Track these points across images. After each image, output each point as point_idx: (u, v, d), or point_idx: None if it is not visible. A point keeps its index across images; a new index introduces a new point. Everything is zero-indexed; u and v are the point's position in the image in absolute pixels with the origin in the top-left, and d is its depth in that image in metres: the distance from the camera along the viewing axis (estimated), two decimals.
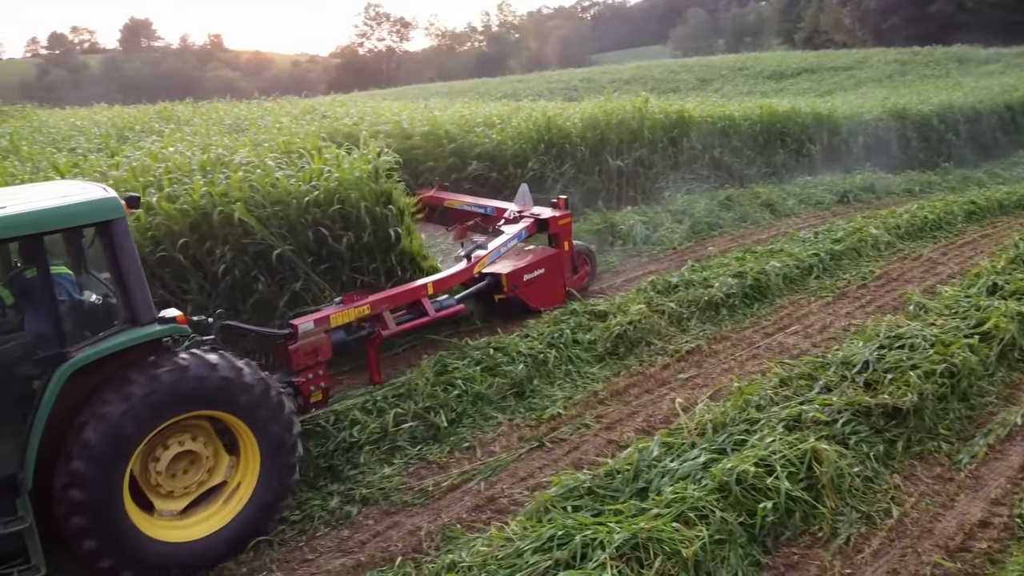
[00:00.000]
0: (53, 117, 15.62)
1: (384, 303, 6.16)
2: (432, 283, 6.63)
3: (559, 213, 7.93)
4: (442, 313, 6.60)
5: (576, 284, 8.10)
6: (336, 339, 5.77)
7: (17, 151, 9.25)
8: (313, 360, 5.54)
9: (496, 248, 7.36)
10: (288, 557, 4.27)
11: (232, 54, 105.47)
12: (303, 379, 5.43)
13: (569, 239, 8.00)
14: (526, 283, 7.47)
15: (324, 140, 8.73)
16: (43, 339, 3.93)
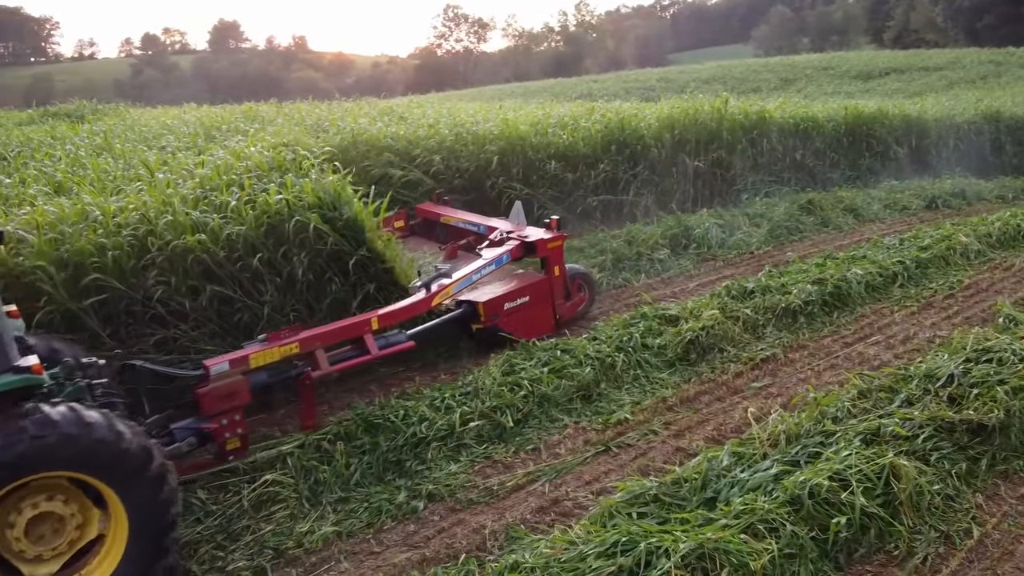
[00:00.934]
0: (145, 116, 16.37)
1: (317, 340, 5.52)
2: (378, 317, 5.92)
3: (549, 235, 7.21)
4: (386, 351, 5.87)
5: (569, 312, 7.39)
6: (256, 381, 5.21)
7: (111, 148, 9.75)
8: (228, 405, 5.00)
9: (465, 276, 6.64)
10: (356, 549, 4.36)
11: (315, 55, 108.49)
12: (216, 425, 4.91)
13: (560, 263, 7.24)
14: (507, 312, 6.81)
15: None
16: None
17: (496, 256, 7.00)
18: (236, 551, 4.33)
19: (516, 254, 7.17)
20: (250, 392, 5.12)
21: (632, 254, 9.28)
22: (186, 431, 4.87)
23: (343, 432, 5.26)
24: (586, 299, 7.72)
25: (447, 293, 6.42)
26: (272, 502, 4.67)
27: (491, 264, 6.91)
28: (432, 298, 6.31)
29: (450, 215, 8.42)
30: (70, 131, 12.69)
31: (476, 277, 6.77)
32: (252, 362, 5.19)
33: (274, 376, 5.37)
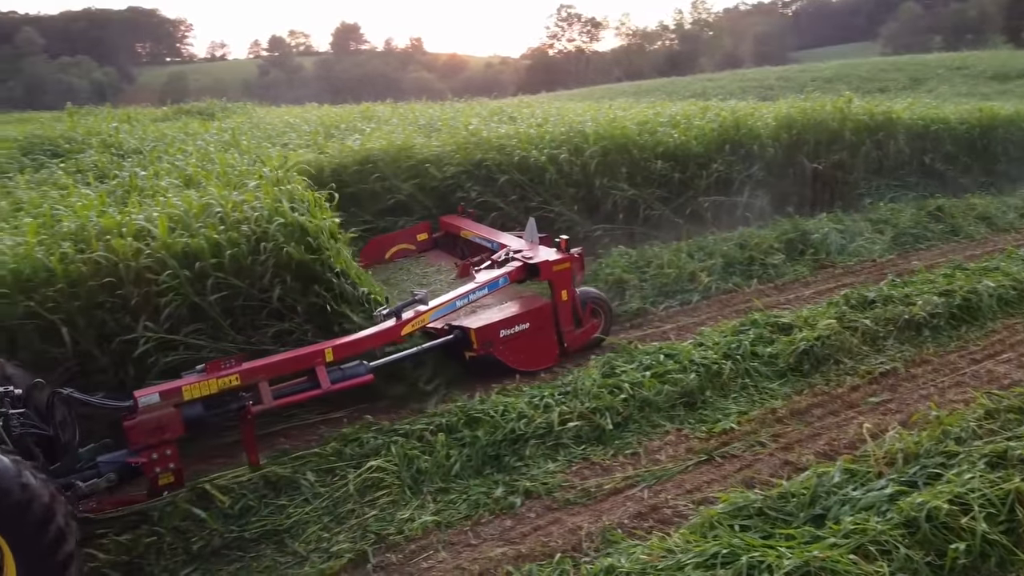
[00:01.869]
0: (270, 115, 17.20)
1: (260, 372, 5.11)
2: (333, 348, 5.43)
3: (556, 256, 6.65)
4: (340, 385, 5.38)
5: (579, 340, 6.75)
6: (189, 414, 4.87)
7: (237, 144, 10.30)
8: (157, 438, 4.69)
9: (448, 302, 6.15)
10: (454, 539, 4.43)
11: (431, 56, 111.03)
12: (145, 459, 4.64)
13: (569, 287, 6.61)
14: (503, 340, 6.27)
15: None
16: None
17: (489, 279, 6.45)
18: (341, 533, 4.47)
19: (516, 276, 6.61)
20: (183, 425, 4.81)
21: (744, 258, 9.00)
22: (111, 465, 4.63)
23: (445, 424, 5.35)
24: (600, 326, 6.98)
25: (422, 321, 5.93)
26: (376, 488, 4.80)
27: (482, 288, 6.36)
28: (402, 327, 5.79)
29: (469, 229, 8.03)
30: (201, 128, 13.49)
31: (461, 303, 6.25)
32: (185, 394, 4.85)
33: (211, 409, 4.99)
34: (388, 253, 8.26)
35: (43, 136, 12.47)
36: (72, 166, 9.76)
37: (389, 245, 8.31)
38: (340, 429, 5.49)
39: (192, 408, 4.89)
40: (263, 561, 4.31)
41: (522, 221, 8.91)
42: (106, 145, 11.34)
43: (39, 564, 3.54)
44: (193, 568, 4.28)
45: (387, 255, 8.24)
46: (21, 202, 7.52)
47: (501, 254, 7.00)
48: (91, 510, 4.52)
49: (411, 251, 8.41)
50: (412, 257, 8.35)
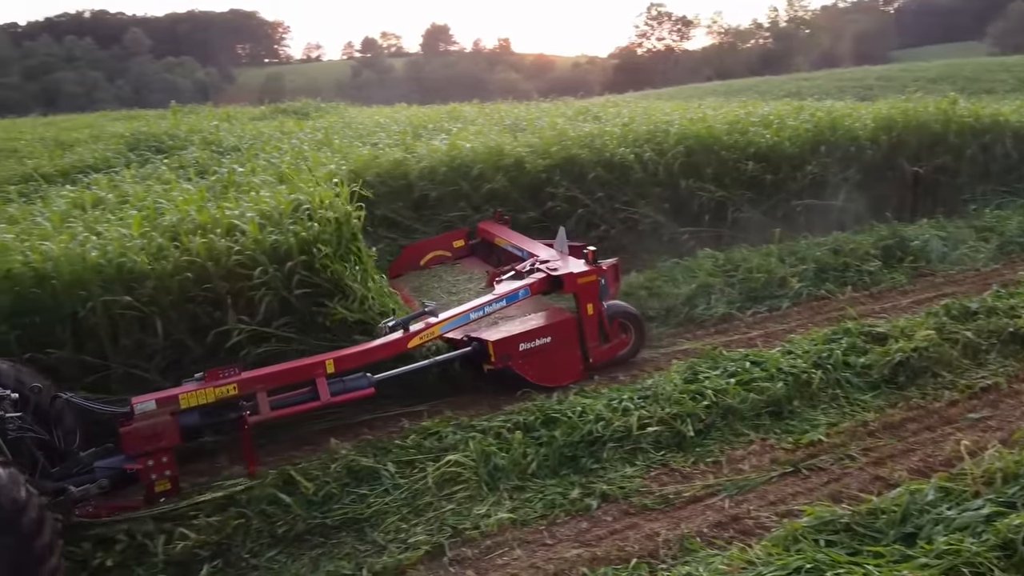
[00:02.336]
0: (361, 115, 17.63)
1: (259, 382, 5.08)
2: (334, 360, 5.36)
3: (580, 268, 6.36)
4: (339, 398, 5.32)
5: (605, 357, 6.44)
6: (186, 422, 4.86)
7: (330, 143, 10.60)
8: (153, 445, 4.69)
9: (461, 314, 5.99)
10: (529, 538, 4.43)
11: (518, 57, 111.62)
12: (141, 466, 4.65)
13: (595, 300, 6.32)
14: (523, 353, 6.02)
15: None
16: None
17: (508, 291, 6.26)
18: (418, 525, 4.54)
19: (538, 288, 6.37)
20: (179, 434, 4.80)
21: (838, 264, 8.66)
22: (106, 470, 4.66)
23: (522, 422, 5.36)
24: (629, 342, 6.68)
25: (432, 333, 5.78)
26: (454, 482, 4.85)
27: (500, 300, 6.17)
28: (409, 339, 5.65)
29: (503, 237, 7.80)
30: (296, 127, 13.96)
31: (476, 315, 6.08)
32: (182, 402, 4.86)
33: (209, 418, 4.98)
34: (424, 260, 8.14)
35: (148, 133, 13.16)
36: (175, 162, 10.27)
37: (425, 252, 8.17)
38: (420, 422, 5.58)
39: (189, 416, 4.88)
40: (343, 548, 4.42)
41: (609, 220, 8.86)
42: (207, 142, 11.88)
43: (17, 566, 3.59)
44: (277, 551, 4.42)
45: (422, 262, 8.13)
46: (127, 195, 7.95)
47: (526, 265, 6.77)
48: (87, 515, 4.59)
49: (447, 258, 8.24)
50: (448, 264, 8.17)
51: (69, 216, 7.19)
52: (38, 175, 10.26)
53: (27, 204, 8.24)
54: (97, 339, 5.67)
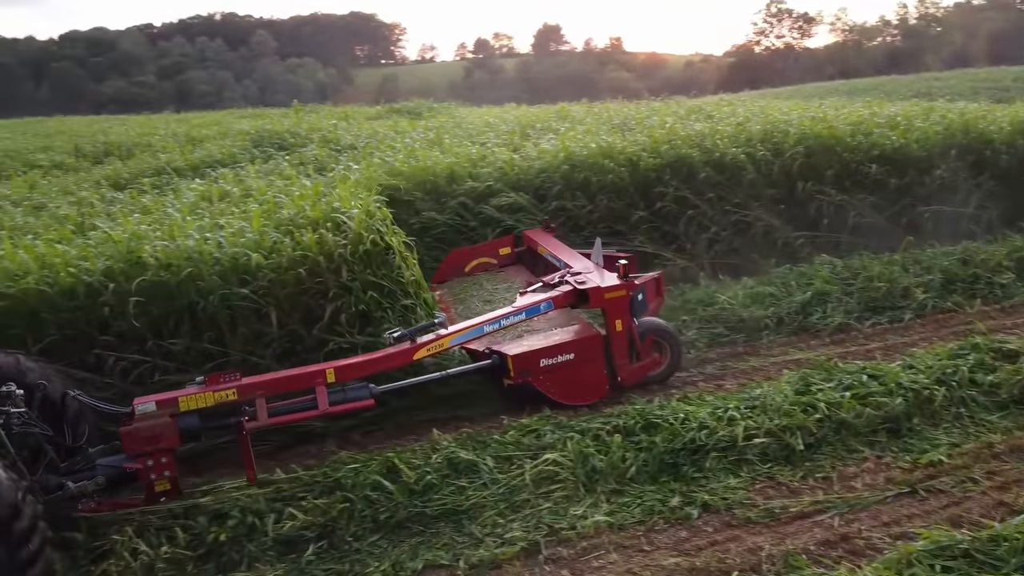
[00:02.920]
0: (471, 114, 17.91)
1: (258, 388, 5.08)
2: (335, 368, 5.30)
3: (609, 283, 6.04)
4: (338, 408, 5.26)
5: (635, 376, 6.09)
6: (186, 425, 4.90)
7: (440, 143, 10.81)
8: (152, 446, 4.78)
9: (473, 326, 5.81)
10: (626, 543, 4.37)
11: (629, 56, 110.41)
12: (141, 466, 4.77)
13: (624, 317, 5.97)
14: (544, 369, 5.76)
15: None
16: None
17: (528, 304, 6.03)
18: (515, 522, 4.56)
19: (563, 302, 6.12)
20: (179, 436, 4.87)
21: (967, 275, 8.11)
22: (107, 468, 4.79)
23: (622, 425, 5.30)
24: (662, 362, 6.29)
25: (440, 345, 5.64)
26: (551, 481, 4.84)
27: (518, 313, 5.96)
28: (415, 351, 5.53)
29: (544, 246, 7.52)
30: (408, 126, 14.33)
31: (491, 328, 5.88)
32: (182, 405, 4.91)
33: (208, 422, 5.04)
34: (468, 266, 7.96)
35: (272, 131, 13.80)
36: (296, 159, 10.74)
37: (469, 258, 8.00)
38: (520, 419, 5.60)
39: (188, 419, 4.94)
40: (441, 538, 4.50)
41: (719, 222, 8.62)
42: (325, 140, 12.36)
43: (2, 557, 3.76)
44: (379, 536, 4.55)
45: (467, 268, 7.94)
46: (251, 189, 8.37)
47: (555, 276, 6.51)
48: (89, 510, 4.75)
49: (492, 265, 8.02)
50: (492, 271, 7.94)
51: (197, 208, 7.64)
52: (170, 168, 10.97)
53: (160, 196, 8.82)
54: (216, 328, 5.99)
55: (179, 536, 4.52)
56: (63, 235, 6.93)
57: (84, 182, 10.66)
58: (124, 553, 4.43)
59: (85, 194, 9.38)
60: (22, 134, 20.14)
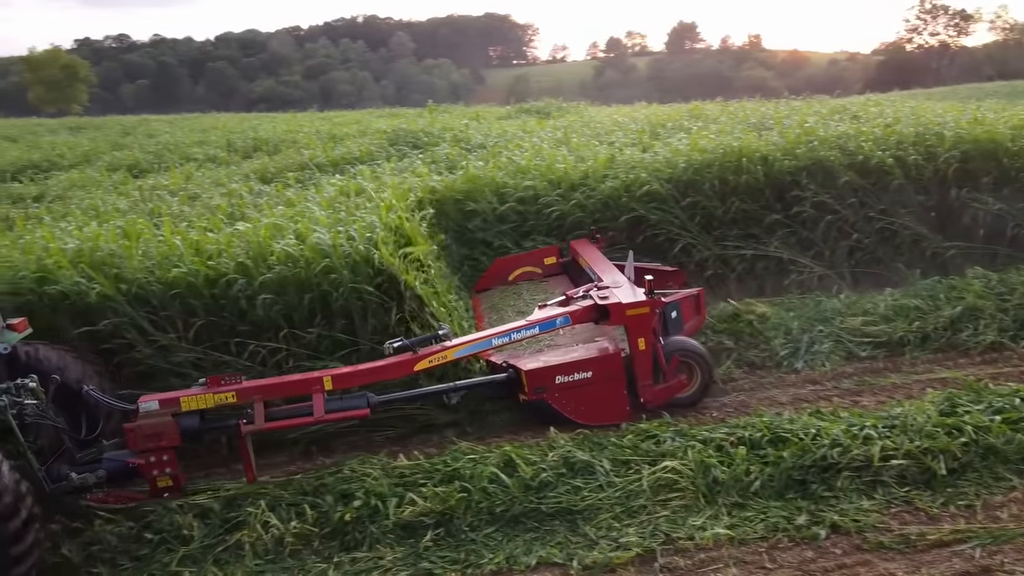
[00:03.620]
0: (600, 114, 17.78)
1: (257, 392, 5.15)
2: (332, 377, 5.29)
3: (633, 298, 5.77)
4: (334, 416, 5.28)
5: (659, 398, 5.78)
6: (186, 425, 5.03)
7: (568, 142, 10.80)
8: (154, 444, 4.93)
9: (481, 339, 5.70)
10: (747, 558, 4.23)
11: (768, 54, 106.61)
12: (144, 462, 4.94)
13: (647, 335, 5.69)
14: (559, 387, 5.60)
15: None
16: None
17: (544, 318, 5.87)
18: (631, 527, 4.52)
19: (581, 317, 5.93)
20: (179, 435, 5.00)
21: None
22: (112, 462, 4.99)
23: (747, 437, 5.12)
24: (689, 385, 5.94)
25: (444, 357, 5.53)
26: (669, 489, 4.76)
27: (531, 327, 5.79)
28: (415, 361, 5.45)
29: (585, 257, 7.26)
30: (537, 125, 14.41)
31: (500, 341, 5.72)
32: (183, 405, 5.03)
33: (209, 423, 5.18)
34: (512, 275, 7.80)
35: (407, 129, 14.24)
36: (428, 157, 11.03)
37: (514, 267, 7.84)
38: (638, 423, 5.53)
39: (190, 419, 5.06)
40: (555, 536, 4.51)
41: (861, 229, 8.17)
42: (457, 139, 12.63)
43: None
44: (494, 528, 4.62)
45: (510, 277, 7.80)
46: (386, 186, 8.67)
47: (579, 290, 6.29)
48: (96, 500, 5.03)
49: (536, 275, 7.82)
50: (536, 281, 7.76)
51: (335, 201, 8.00)
52: (313, 164, 11.52)
53: (303, 190, 9.30)
54: (348, 318, 6.23)
55: (308, 513, 4.77)
56: (215, 224, 7.44)
57: (235, 175, 11.37)
58: (257, 525, 4.73)
59: (235, 186, 10.02)
60: (180, 129, 21.71)
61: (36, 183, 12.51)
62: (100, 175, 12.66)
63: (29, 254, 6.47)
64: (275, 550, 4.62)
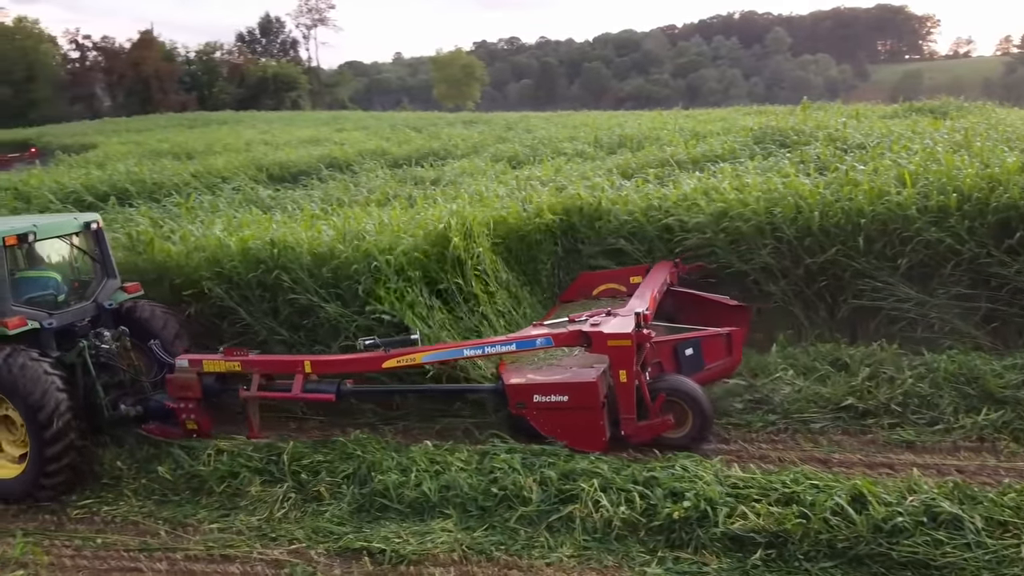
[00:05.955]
0: (1011, 115, 15.26)
1: (256, 365, 6.33)
2: (311, 361, 6.30)
3: (620, 330, 5.65)
4: (307, 396, 6.31)
5: (640, 434, 5.69)
6: (207, 383, 6.32)
7: (969, 146, 9.41)
8: (183, 394, 6.29)
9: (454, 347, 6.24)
10: None
11: None
12: (177, 406, 6.32)
13: (628, 368, 5.55)
14: (537, 405, 5.79)
15: None
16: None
17: (520, 336, 6.25)
18: None
19: (564, 341, 5.99)
20: (201, 390, 6.29)
21: None
22: (155, 403, 6.47)
23: None
24: (671, 425, 5.71)
25: (412, 359, 6.09)
26: None
27: (508, 343, 6.08)
28: (384, 359, 6.08)
29: (645, 281, 7.25)
30: (930, 126, 12.80)
31: (470, 352, 6.16)
32: (204, 366, 6.30)
33: (222, 384, 6.40)
34: (596, 290, 7.90)
35: (775, 127, 13.62)
36: (797, 156, 10.43)
37: (599, 282, 7.96)
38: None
39: (209, 379, 6.32)
40: None
41: None
42: (831, 139, 11.76)
43: (39, 443, 5.80)
44: (833, 564, 4.29)
45: (595, 292, 7.88)
46: (745, 185, 8.39)
47: (584, 315, 6.36)
48: (147, 430, 6.44)
49: (620, 292, 7.68)
50: (619, 298, 7.47)
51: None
52: (673, 161, 11.60)
53: (660, 187, 9.39)
54: None
55: (637, 502, 4.85)
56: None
57: (599, 169, 11.92)
58: (588, 503, 4.93)
59: (599, 180, 10.47)
60: (554, 125, 23.33)
61: (434, 168, 14.39)
62: (485, 164, 14.17)
63: (421, 227, 7.64)
64: (603, 530, 4.79)
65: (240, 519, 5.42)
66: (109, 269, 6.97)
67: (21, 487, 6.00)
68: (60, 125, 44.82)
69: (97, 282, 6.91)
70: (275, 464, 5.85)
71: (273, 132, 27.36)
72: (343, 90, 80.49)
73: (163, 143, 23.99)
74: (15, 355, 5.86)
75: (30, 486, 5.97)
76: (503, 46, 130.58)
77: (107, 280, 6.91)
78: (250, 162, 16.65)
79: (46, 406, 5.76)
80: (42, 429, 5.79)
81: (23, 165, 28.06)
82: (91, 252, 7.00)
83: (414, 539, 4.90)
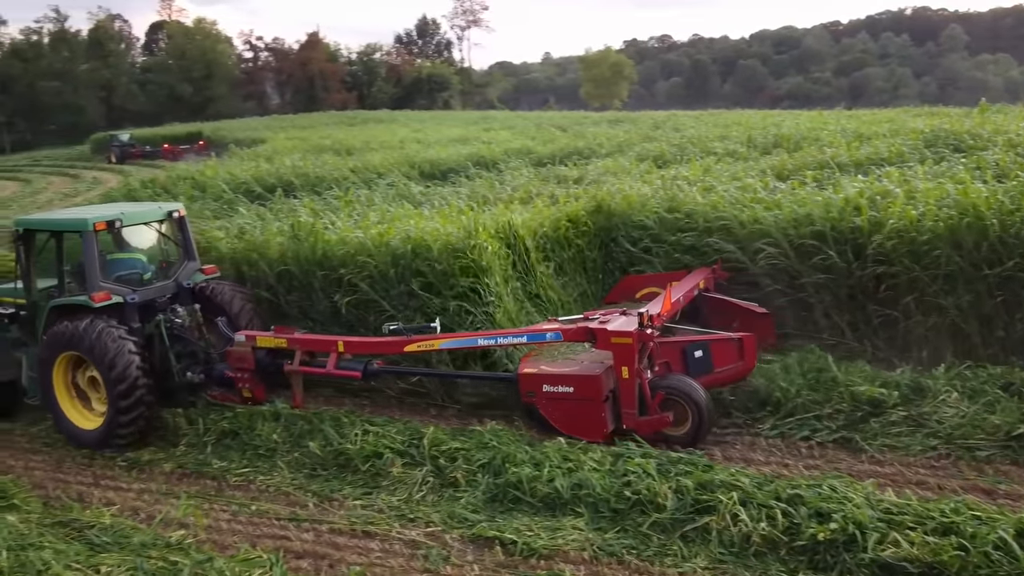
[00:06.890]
0: None
1: (298, 343, 7.04)
2: (344, 342, 6.97)
3: (621, 327, 5.95)
4: (337, 372, 6.98)
5: (642, 428, 5.90)
6: (259, 356, 7.09)
7: None
8: (240, 365, 7.08)
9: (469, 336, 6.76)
10: None
11: None
12: (234, 375, 7.14)
13: (630, 364, 5.81)
14: (546, 395, 6.18)
15: None
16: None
17: (532, 329, 6.62)
18: None
19: (573, 336, 6.30)
20: (255, 363, 7.06)
21: None
22: (217, 372, 7.23)
23: None
24: (669, 422, 5.96)
25: (431, 345, 6.64)
26: None
27: (520, 336, 6.50)
28: (405, 344, 6.65)
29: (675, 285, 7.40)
30: None
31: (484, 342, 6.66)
32: (258, 342, 7.07)
33: (272, 359, 7.12)
34: (639, 293, 8.08)
35: (948, 130, 12.61)
36: (972, 162, 9.61)
37: (642, 285, 8.17)
38: None
39: (260, 353, 7.10)
40: None
41: None
42: (1011, 144, 10.75)
43: (114, 399, 6.65)
44: None
45: (637, 295, 8.05)
46: (915, 191, 7.83)
47: (598, 312, 6.72)
48: (212, 396, 7.31)
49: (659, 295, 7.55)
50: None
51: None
52: (833, 163, 10.97)
53: (818, 189, 8.93)
54: None
55: (779, 519, 4.65)
56: None
57: (751, 170, 11.45)
58: (726, 515, 4.78)
59: (750, 181, 10.09)
60: (705, 124, 22.64)
61: (578, 167, 14.37)
62: (630, 164, 13.99)
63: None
64: (740, 545, 4.64)
65: (382, 498, 5.68)
66: (190, 252, 7.77)
67: (100, 437, 6.94)
68: (233, 121, 48.57)
69: (179, 264, 7.73)
70: (416, 448, 6.09)
71: (425, 131, 28.38)
72: (492, 90, 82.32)
73: (325, 139, 25.47)
74: (95, 323, 6.70)
75: (106, 436, 6.87)
76: (654, 44, 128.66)
77: (187, 262, 7.72)
78: (403, 159, 17.30)
79: (118, 365, 6.60)
80: (115, 385, 6.64)
81: (194, 156, 30.74)
82: (174, 237, 7.81)
83: (545, 533, 4.95)
